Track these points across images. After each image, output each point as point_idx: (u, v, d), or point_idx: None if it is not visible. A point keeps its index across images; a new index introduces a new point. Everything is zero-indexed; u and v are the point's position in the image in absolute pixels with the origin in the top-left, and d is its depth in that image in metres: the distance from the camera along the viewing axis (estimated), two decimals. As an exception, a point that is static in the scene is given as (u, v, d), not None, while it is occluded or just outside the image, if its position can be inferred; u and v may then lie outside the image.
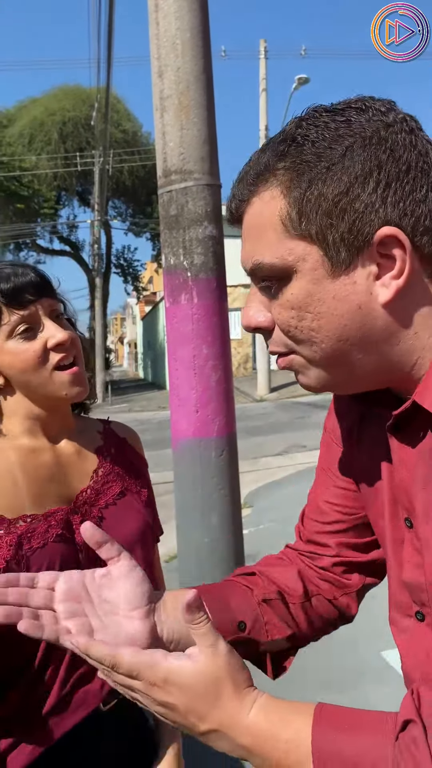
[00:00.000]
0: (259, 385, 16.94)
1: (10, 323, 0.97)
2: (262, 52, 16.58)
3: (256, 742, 0.58)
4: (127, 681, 0.63)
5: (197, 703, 0.59)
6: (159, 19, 2.74)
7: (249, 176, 0.64)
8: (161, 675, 0.60)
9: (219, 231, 2.88)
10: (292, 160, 0.60)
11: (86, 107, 24.09)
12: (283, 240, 0.62)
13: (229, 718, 0.59)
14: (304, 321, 0.63)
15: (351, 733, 0.54)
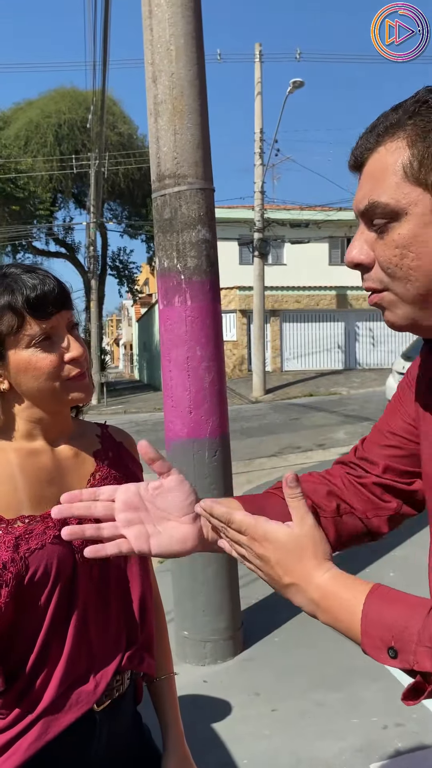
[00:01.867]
0: (254, 386, 16.95)
1: (33, 332, 0.97)
2: (257, 56, 16.62)
3: (324, 597, 0.72)
4: (237, 536, 0.78)
5: (285, 558, 0.74)
6: (153, 25, 2.78)
7: (379, 128, 0.72)
8: (261, 532, 0.75)
9: (212, 234, 2.92)
10: (420, 118, 0.68)
11: (82, 109, 24.08)
12: (401, 184, 0.69)
13: (307, 574, 0.73)
14: (405, 259, 0.70)
15: (394, 605, 0.67)
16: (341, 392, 16.66)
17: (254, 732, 2.52)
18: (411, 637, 0.64)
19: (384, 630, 0.66)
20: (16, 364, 0.99)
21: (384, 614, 0.67)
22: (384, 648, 0.66)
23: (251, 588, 3.86)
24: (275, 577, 0.76)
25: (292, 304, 20.92)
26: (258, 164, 16.64)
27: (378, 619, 0.67)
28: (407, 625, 0.64)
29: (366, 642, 0.68)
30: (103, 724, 1.04)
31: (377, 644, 0.67)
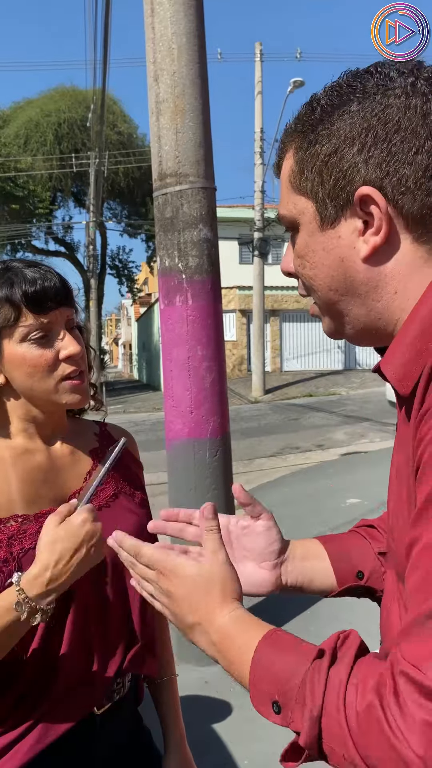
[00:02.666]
0: (253, 386, 16.96)
1: (29, 326, 0.96)
2: (258, 55, 16.63)
3: (221, 640, 0.66)
4: (145, 571, 0.74)
5: (191, 594, 0.69)
6: (155, 23, 2.77)
7: (282, 137, 0.71)
8: (170, 566, 0.72)
9: (214, 233, 2.91)
10: (303, 123, 0.66)
11: (82, 108, 24.07)
12: (291, 195, 0.68)
13: (210, 613, 0.68)
14: (305, 269, 0.69)
15: (283, 654, 0.61)
16: (341, 392, 16.66)
17: (255, 733, 2.51)
18: (292, 692, 0.57)
19: (270, 682, 0.60)
20: (10, 358, 0.97)
21: (273, 664, 0.61)
22: (269, 702, 0.59)
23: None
24: (180, 616, 0.71)
25: (291, 304, 20.92)
26: (258, 163, 16.65)
27: (266, 670, 0.61)
28: (291, 678, 0.58)
29: (252, 694, 0.62)
30: (104, 726, 1.03)
31: (263, 698, 0.60)
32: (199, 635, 0.69)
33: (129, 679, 1.08)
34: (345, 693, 0.52)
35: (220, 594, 0.69)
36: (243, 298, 20.04)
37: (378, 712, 0.49)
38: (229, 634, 0.66)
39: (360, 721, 0.50)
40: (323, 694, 0.54)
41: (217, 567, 0.71)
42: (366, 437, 9.71)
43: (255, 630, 0.65)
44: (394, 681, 0.49)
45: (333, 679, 0.54)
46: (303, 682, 0.56)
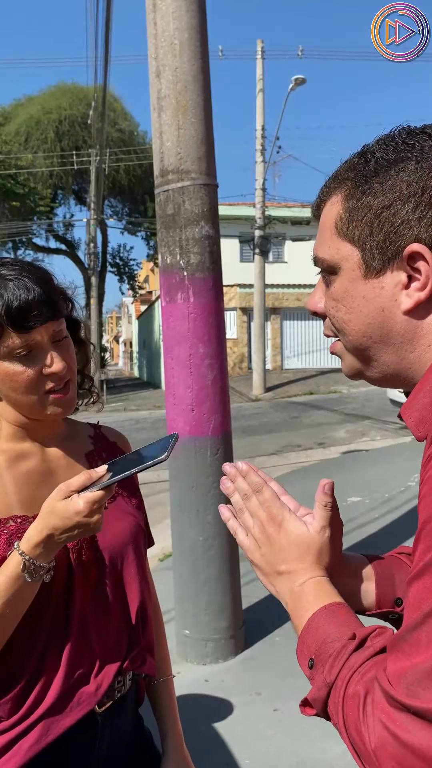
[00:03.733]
0: (254, 384, 16.94)
1: (12, 345, 0.94)
2: (259, 53, 16.57)
3: (299, 593, 0.74)
4: (256, 508, 0.79)
5: (290, 549, 0.77)
6: (157, 19, 2.75)
7: (328, 182, 0.73)
8: (280, 516, 0.78)
9: (215, 231, 2.89)
10: (356, 173, 0.68)
11: (83, 106, 24.03)
12: (334, 239, 0.70)
13: (300, 570, 0.76)
14: (339, 312, 0.72)
15: (331, 624, 0.69)
16: (341, 391, 16.65)
17: (256, 732, 2.50)
18: (323, 657, 0.66)
19: (313, 642, 0.68)
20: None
21: (321, 627, 0.69)
22: (308, 657, 0.68)
23: (252, 587, 3.84)
24: (272, 560, 0.78)
25: (292, 302, 20.90)
26: (259, 161, 16.61)
27: (314, 630, 0.69)
28: (327, 646, 0.66)
29: (299, 645, 0.71)
30: (105, 725, 1.03)
31: (305, 652, 0.69)
32: (283, 581, 0.77)
33: (130, 678, 1.08)
34: (351, 677, 0.61)
35: (315, 559, 0.76)
36: (244, 296, 20.02)
37: (359, 701, 0.58)
38: (307, 591, 0.74)
39: (347, 703, 0.60)
40: (339, 670, 0.63)
41: (319, 537, 0.77)
42: (367, 435, 9.70)
43: (326, 597, 0.72)
44: (374, 686, 0.58)
45: (350, 662, 0.63)
46: (332, 655, 0.65)
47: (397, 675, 0.55)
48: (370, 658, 0.62)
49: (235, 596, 3.08)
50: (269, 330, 20.05)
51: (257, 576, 0.81)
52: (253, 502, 0.80)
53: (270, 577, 0.78)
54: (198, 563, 2.98)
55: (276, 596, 0.78)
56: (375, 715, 0.56)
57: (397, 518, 5.03)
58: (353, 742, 0.59)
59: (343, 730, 0.61)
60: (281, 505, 0.79)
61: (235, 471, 0.83)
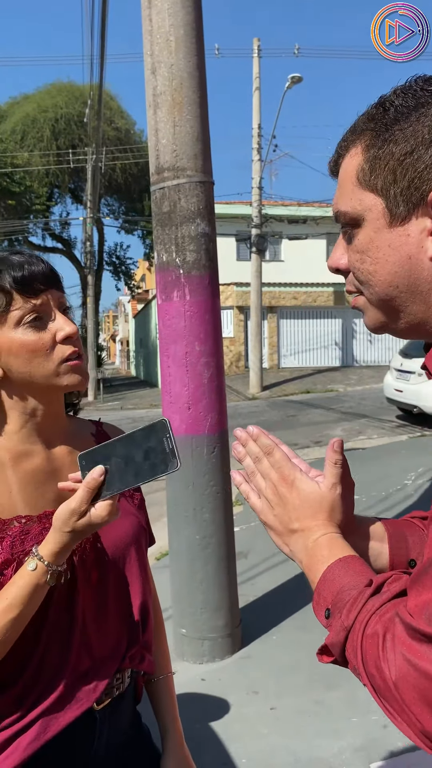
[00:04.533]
0: (251, 383, 16.93)
1: (21, 310, 0.95)
2: (256, 51, 16.55)
3: (313, 549, 0.76)
4: (268, 470, 0.82)
5: (303, 507, 0.79)
6: (152, 15, 2.74)
7: (345, 135, 0.72)
8: (292, 476, 0.80)
9: (212, 228, 2.88)
10: (375, 122, 0.68)
11: (79, 104, 23.98)
12: (356, 191, 0.70)
13: (313, 527, 0.77)
14: (364, 264, 0.71)
15: (346, 574, 0.70)
16: (338, 389, 16.66)
17: (253, 731, 2.50)
18: (340, 605, 0.67)
19: (329, 593, 0.70)
20: (6, 346, 0.96)
21: (337, 578, 0.70)
22: (324, 608, 0.70)
23: (249, 586, 3.84)
24: (285, 519, 0.79)
25: (289, 300, 20.89)
26: (256, 160, 16.59)
27: (330, 581, 0.71)
28: (344, 595, 0.68)
29: (315, 598, 0.72)
30: (104, 722, 1.03)
31: (320, 603, 0.71)
32: (297, 539, 0.78)
33: (129, 675, 1.08)
34: (369, 619, 0.63)
35: (327, 516, 0.78)
36: (240, 294, 20.01)
37: (378, 639, 0.60)
38: (321, 546, 0.75)
39: (366, 642, 0.62)
40: (357, 614, 0.65)
41: (330, 494, 0.79)
42: (364, 434, 9.70)
43: (340, 551, 0.74)
44: (394, 622, 0.60)
45: (368, 605, 0.64)
46: (349, 601, 0.66)
47: (419, 607, 0.57)
48: (388, 602, 0.64)
49: (231, 595, 3.07)
50: (266, 328, 20.05)
51: (271, 537, 0.82)
52: (264, 464, 0.82)
53: (284, 536, 0.80)
54: (195, 562, 2.98)
55: (290, 556, 0.80)
56: (396, 649, 0.58)
57: (393, 516, 5.04)
58: (372, 680, 0.61)
59: (362, 669, 0.62)
60: (292, 465, 0.81)
61: (246, 435, 0.85)
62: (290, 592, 3.74)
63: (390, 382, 10.17)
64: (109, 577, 1.03)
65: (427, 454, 7.01)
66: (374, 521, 0.89)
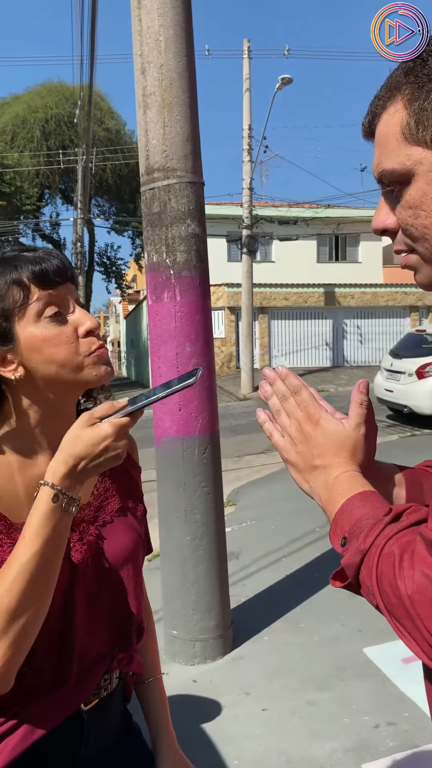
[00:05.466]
0: (242, 383, 16.93)
1: (40, 302, 0.93)
2: (246, 52, 16.56)
3: (333, 484, 0.77)
4: (293, 408, 0.83)
5: (326, 444, 0.80)
6: (142, 15, 2.73)
7: (380, 92, 0.71)
8: (317, 415, 0.81)
9: (202, 229, 2.88)
10: (415, 75, 0.67)
11: (69, 104, 23.93)
12: (402, 147, 0.68)
13: (334, 464, 0.79)
14: (418, 219, 0.69)
15: (365, 505, 0.71)
16: (329, 389, 16.69)
17: (244, 732, 2.49)
18: (357, 532, 0.68)
19: (346, 522, 0.71)
20: (28, 343, 0.93)
21: (355, 509, 0.71)
22: (340, 537, 0.71)
23: (241, 587, 3.83)
24: (307, 456, 0.80)
25: (280, 301, 20.92)
26: (246, 161, 16.60)
27: (348, 512, 0.72)
28: (361, 523, 0.69)
29: (332, 528, 0.73)
30: (91, 722, 1.02)
31: (337, 532, 0.72)
32: (318, 475, 0.79)
33: (117, 676, 1.07)
34: (386, 542, 0.64)
35: (350, 454, 0.79)
36: (232, 295, 20.01)
37: (395, 558, 0.62)
38: (341, 481, 0.76)
39: (382, 561, 0.63)
40: (375, 538, 0.65)
41: (354, 434, 0.80)
42: (355, 434, 9.72)
43: (360, 487, 0.75)
44: (414, 541, 0.61)
45: (386, 531, 0.65)
46: (366, 528, 0.67)
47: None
48: (406, 529, 0.65)
49: (223, 596, 3.07)
50: (257, 329, 20.06)
51: (291, 474, 0.83)
52: (291, 402, 0.83)
53: (305, 473, 0.81)
54: (186, 563, 2.97)
55: (309, 492, 0.81)
56: (415, 566, 0.59)
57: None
58: (385, 599, 0.62)
59: (376, 589, 0.63)
60: (318, 405, 0.82)
61: (275, 375, 0.86)
62: (282, 593, 3.75)
63: (380, 383, 10.20)
64: (106, 589, 1.02)
65: (417, 453, 7.03)
66: (394, 467, 0.91)
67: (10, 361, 0.94)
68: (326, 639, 3.12)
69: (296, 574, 4.00)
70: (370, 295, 21.44)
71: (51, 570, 0.87)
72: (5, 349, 0.93)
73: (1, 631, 0.83)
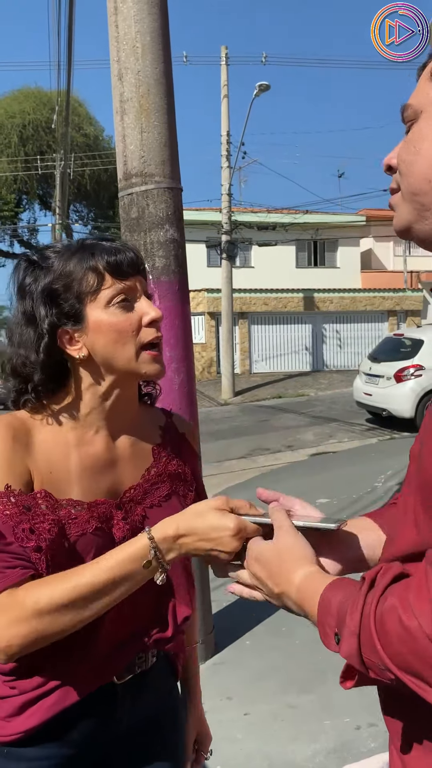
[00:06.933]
0: (223, 388, 16.94)
1: (112, 290, 0.99)
2: (223, 59, 16.65)
3: (301, 600, 0.75)
4: (247, 575, 0.84)
5: (272, 571, 0.79)
6: (118, 21, 2.74)
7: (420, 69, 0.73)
8: (254, 554, 0.82)
9: (180, 234, 2.88)
10: None
11: (47, 110, 23.83)
12: (425, 87, 0.70)
13: (288, 581, 0.77)
14: (408, 154, 0.70)
15: (339, 592, 0.69)
16: (309, 394, 16.78)
17: (227, 737, 2.49)
18: (345, 615, 0.66)
19: (331, 617, 0.68)
20: (95, 324, 0.99)
21: (331, 601, 0.69)
22: (332, 635, 0.67)
23: (222, 592, 3.83)
24: (269, 591, 0.80)
25: (260, 306, 21.00)
26: (225, 167, 16.67)
27: (325, 607, 0.69)
28: (344, 609, 0.66)
29: (320, 631, 0.70)
30: (125, 696, 1.07)
31: (327, 632, 0.68)
32: (286, 601, 0.78)
33: (153, 655, 1.11)
34: (376, 606, 0.62)
35: (293, 562, 0.77)
36: (212, 300, 20.04)
37: (396, 608, 0.58)
38: (304, 590, 0.75)
39: (382, 619, 0.60)
40: (361, 612, 0.63)
41: (284, 540, 0.79)
42: (334, 437, 9.79)
43: (322, 582, 0.73)
44: (411, 583, 0.59)
45: (369, 600, 0.63)
46: (350, 608, 0.65)
47: None
48: (387, 588, 0.63)
49: (204, 601, 3.06)
50: (237, 334, 20.10)
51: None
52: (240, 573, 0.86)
53: (279, 604, 0.80)
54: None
55: (299, 614, 0.78)
56: (423, 597, 0.57)
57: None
58: (398, 660, 0.58)
59: (384, 656, 0.59)
60: (249, 545, 0.83)
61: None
62: (263, 597, 3.75)
63: (359, 386, 10.29)
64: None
65: (396, 456, 7.10)
66: (363, 518, 0.90)
67: (77, 340, 1.00)
68: (307, 642, 3.13)
69: (277, 577, 4.01)
70: (348, 300, 21.62)
71: (101, 604, 0.91)
72: (75, 328, 0.99)
73: (26, 619, 0.88)
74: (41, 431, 1.00)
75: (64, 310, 0.99)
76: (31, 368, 1.00)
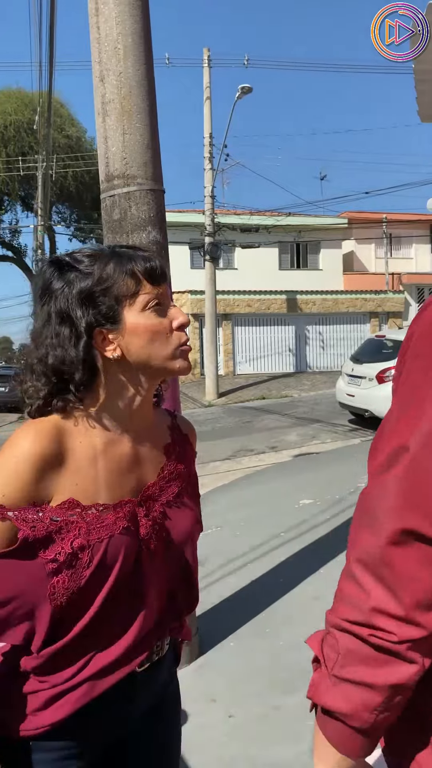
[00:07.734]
0: (207, 390, 16.95)
1: (149, 295, 1.05)
2: (206, 61, 16.68)
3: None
4: None
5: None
6: (100, 23, 2.73)
7: None
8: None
9: (163, 236, 2.88)
10: None
11: (29, 111, 23.69)
12: None
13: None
14: None
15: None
16: (292, 395, 16.84)
17: (212, 739, 2.48)
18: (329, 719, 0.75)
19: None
20: (132, 326, 1.04)
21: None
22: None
23: (206, 593, 3.82)
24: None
25: (243, 308, 21.04)
26: (208, 169, 16.69)
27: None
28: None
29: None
30: (143, 681, 1.14)
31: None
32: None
33: (167, 642, 1.19)
34: (328, 668, 0.74)
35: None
36: (195, 302, 20.05)
37: (335, 641, 0.71)
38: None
39: (329, 648, 0.74)
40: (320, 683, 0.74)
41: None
42: (317, 438, 9.83)
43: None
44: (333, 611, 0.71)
45: (319, 672, 0.76)
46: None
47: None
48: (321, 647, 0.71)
49: (188, 603, 3.06)
50: (221, 336, 20.13)
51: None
52: None
53: None
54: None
55: None
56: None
57: (347, 519, 5.11)
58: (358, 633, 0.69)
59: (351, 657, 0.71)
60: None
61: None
62: (246, 599, 3.75)
63: (342, 387, 10.35)
64: (166, 562, 1.13)
65: (379, 457, 7.13)
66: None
67: (111, 341, 1.04)
68: (291, 643, 3.14)
69: (261, 579, 4.02)
70: (331, 301, 21.74)
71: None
72: (111, 329, 1.04)
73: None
74: (73, 437, 1.03)
75: (101, 312, 1.03)
76: (71, 366, 1.01)
